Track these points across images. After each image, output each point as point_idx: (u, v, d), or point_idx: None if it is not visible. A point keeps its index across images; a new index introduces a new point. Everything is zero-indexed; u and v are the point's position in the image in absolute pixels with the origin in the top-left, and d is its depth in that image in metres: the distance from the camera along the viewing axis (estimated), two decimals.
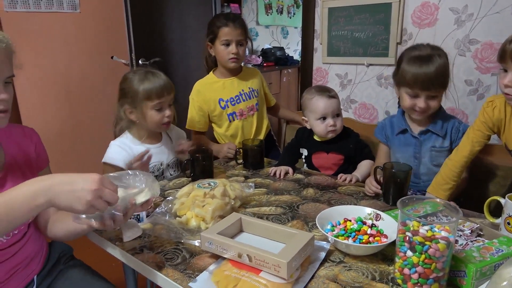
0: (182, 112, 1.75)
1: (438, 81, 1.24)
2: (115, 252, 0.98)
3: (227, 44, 1.70)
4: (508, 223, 0.96)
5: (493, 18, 1.72)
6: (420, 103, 1.26)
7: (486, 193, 1.39)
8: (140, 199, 0.85)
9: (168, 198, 1.13)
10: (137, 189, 0.85)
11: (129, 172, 0.87)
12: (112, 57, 2.67)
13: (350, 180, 1.37)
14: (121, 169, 1.30)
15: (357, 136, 1.57)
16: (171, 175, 1.49)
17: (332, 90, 1.54)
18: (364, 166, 1.46)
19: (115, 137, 1.44)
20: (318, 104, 1.48)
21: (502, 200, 0.99)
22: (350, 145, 1.52)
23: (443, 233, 0.74)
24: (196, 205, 1.06)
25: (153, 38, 2.99)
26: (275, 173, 1.44)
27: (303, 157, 1.61)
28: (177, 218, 1.06)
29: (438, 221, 0.82)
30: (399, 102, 1.40)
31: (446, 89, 1.29)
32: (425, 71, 1.22)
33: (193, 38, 3.23)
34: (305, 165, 1.62)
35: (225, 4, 3.86)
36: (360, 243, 0.89)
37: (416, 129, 1.38)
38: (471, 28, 1.77)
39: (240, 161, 1.56)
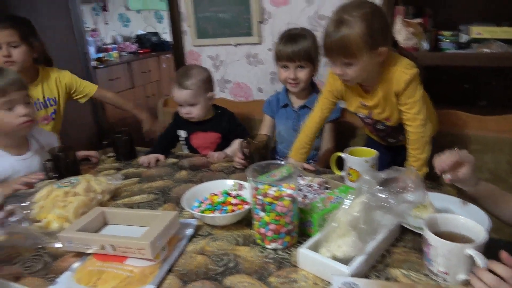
0: None
1: (301, 53, 1.45)
2: None
3: None
4: (349, 174, 1.12)
5: None
6: (290, 74, 1.47)
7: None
8: None
9: (24, 203, 1.03)
10: None
11: None
12: None
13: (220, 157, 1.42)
14: None
15: (231, 114, 1.64)
16: None
17: (190, 77, 1.49)
18: (235, 143, 1.54)
19: None
20: (173, 92, 1.53)
21: (343, 155, 1.14)
22: (224, 123, 1.58)
23: (288, 191, 0.84)
24: (56, 206, 0.99)
25: None
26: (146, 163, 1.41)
27: (181, 138, 1.62)
28: (36, 223, 0.98)
29: (288, 182, 0.92)
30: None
31: (312, 63, 1.49)
32: (291, 45, 1.45)
33: None
34: (185, 147, 1.64)
35: None
36: (226, 214, 0.95)
37: (296, 104, 1.58)
38: (319, 5, 1.94)
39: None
